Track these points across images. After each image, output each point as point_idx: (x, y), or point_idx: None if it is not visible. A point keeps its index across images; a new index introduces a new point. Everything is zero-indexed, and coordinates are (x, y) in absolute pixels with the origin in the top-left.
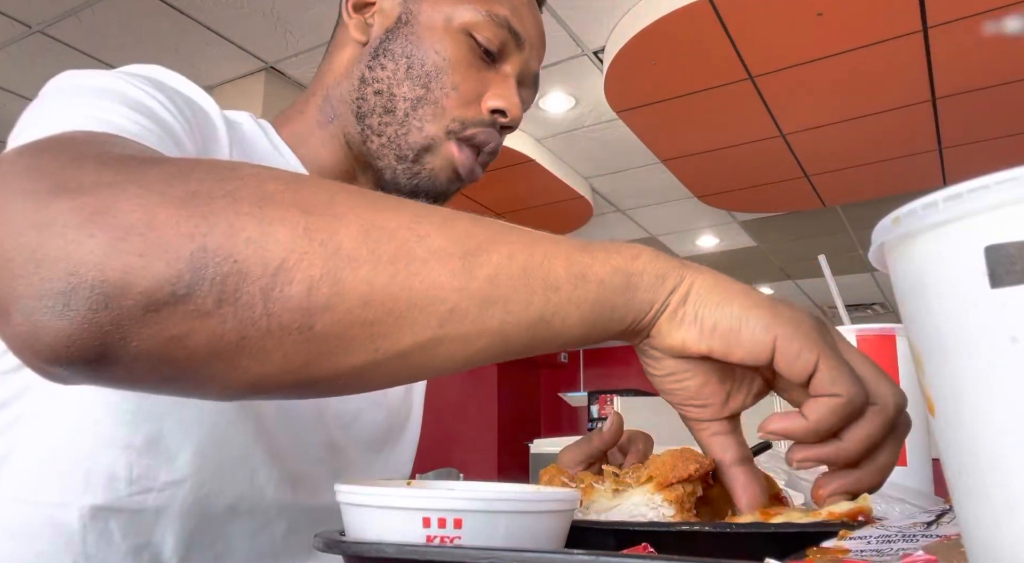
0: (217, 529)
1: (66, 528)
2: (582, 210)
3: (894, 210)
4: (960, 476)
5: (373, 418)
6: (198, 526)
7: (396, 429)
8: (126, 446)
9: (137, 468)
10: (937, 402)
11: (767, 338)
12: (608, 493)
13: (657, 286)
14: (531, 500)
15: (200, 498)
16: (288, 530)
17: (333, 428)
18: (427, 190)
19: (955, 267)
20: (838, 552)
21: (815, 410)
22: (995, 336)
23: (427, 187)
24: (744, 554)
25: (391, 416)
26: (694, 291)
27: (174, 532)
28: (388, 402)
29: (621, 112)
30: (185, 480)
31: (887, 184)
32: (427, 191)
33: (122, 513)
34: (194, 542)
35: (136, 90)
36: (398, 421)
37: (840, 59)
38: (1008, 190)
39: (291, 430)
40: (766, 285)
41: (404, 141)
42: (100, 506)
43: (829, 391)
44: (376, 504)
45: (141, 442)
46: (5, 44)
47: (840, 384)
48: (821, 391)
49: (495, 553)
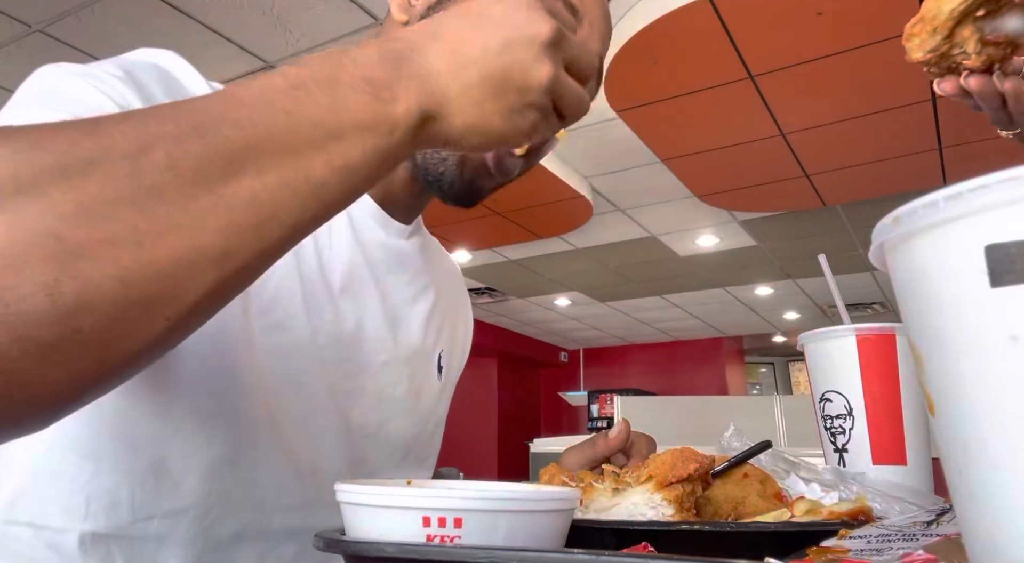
0: (222, 554)
1: (66, 553)
2: (582, 209)
3: (894, 210)
4: (960, 475)
5: (400, 426)
6: (203, 553)
7: (424, 436)
8: (129, 471)
9: (140, 494)
10: (937, 401)
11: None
12: (608, 492)
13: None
14: (531, 500)
15: (205, 527)
16: (297, 553)
17: (357, 438)
18: (451, 183)
19: (955, 266)
20: (838, 551)
21: None
22: (995, 335)
23: (452, 179)
24: (744, 553)
25: (420, 422)
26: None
27: (177, 558)
28: (420, 409)
29: (621, 111)
30: (189, 508)
31: (887, 184)
32: (451, 184)
33: (124, 540)
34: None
35: (82, 89)
36: (427, 427)
37: (840, 59)
38: (1008, 190)
39: (312, 448)
40: (766, 284)
41: (452, 174)
42: (101, 533)
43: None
44: (376, 504)
45: (144, 467)
46: (5, 44)
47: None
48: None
49: (495, 553)
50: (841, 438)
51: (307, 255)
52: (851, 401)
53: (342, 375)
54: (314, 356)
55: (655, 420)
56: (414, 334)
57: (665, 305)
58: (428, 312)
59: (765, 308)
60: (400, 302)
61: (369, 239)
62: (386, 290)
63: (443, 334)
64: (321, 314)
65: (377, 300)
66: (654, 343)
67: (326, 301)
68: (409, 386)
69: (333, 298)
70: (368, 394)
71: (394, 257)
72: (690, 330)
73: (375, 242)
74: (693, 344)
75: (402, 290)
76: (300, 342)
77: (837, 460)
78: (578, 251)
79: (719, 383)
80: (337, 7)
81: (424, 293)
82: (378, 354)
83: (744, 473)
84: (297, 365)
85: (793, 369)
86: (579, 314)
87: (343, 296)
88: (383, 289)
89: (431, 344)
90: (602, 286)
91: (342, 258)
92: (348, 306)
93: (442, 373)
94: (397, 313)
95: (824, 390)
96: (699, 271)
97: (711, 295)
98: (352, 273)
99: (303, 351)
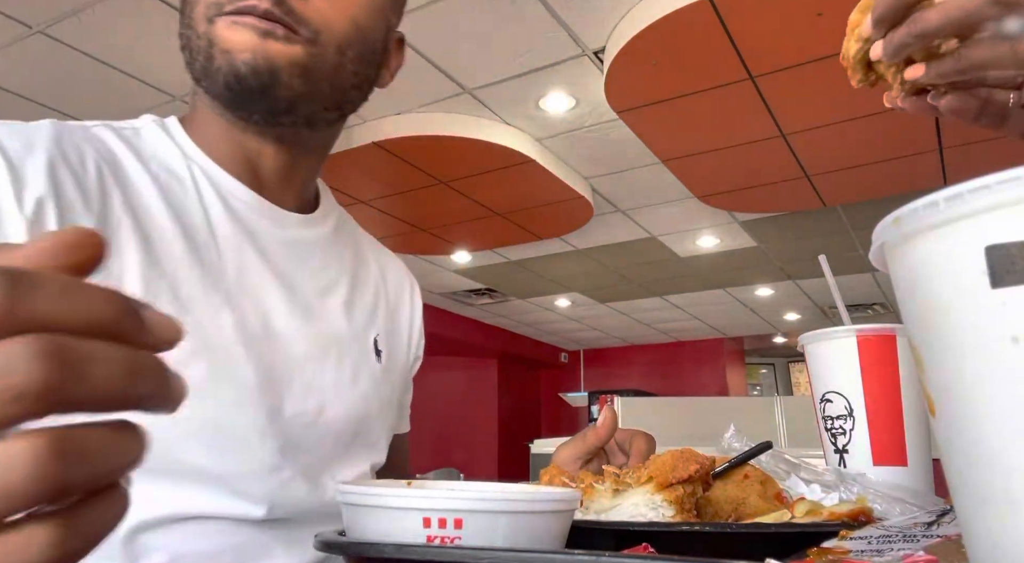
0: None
1: None
2: (582, 210)
3: (894, 210)
4: (961, 476)
5: (340, 411)
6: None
7: (369, 419)
8: None
9: None
10: (938, 402)
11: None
12: (608, 493)
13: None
14: (531, 500)
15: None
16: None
17: (297, 427)
18: (237, 89)
19: (956, 267)
20: (839, 552)
21: None
22: (996, 336)
23: (234, 85)
24: (744, 554)
25: (361, 406)
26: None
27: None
28: (359, 392)
29: (621, 112)
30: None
31: (887, 184)
32: (239, 90)
33: None
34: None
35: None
36: (371, 410)
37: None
38: (1008, 190)
39: (242, 437)
40: (766, 285)
41: (197, 62)
42: None
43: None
44: (376, 504)
45: None
46: (5, 44)
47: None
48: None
49: (495, 553)
50: (841, 439)
51: (196, 261)
52: (851, 402)
53: (264, 369)
54: (226, 354)
55: (655, 421)
56: (334, 322)
57: (665, 306)
58: (346, 298)
59: (765, 309)
60: (310, 293)
61: (262, 234)
62: (292, 284)
63: (376, 318)
64: (221, 314)
65: (282, 295)
66: (654, 344)
67: (222, 301)
68: (339, 372)
69: (232, 297)
70: (296, 385)
71: (293, 250)
72: (690, 331)
73: (269, 237)
74: (693, 345)
75: (308, 282)
76: (209, 343)
77: (837, 461)
78: (578, 252)
79: (719, 384)
80: None
81: (338, 281)
82: (295, 346)
83: (745, 474)
84: (210, 365)
85: (794, 370)
86: (579, 315)
87: (242, 295)
88: (288, 283)
89: (360, 329)
90: (602, 287)
91: (233, 259)
92: (249, 304)
93: (381, 356)
94: (308, 305)
95: (824, 391)
96: (699, 272)
97: (711, 296)
98: (245, 270)
99: (214, 351)
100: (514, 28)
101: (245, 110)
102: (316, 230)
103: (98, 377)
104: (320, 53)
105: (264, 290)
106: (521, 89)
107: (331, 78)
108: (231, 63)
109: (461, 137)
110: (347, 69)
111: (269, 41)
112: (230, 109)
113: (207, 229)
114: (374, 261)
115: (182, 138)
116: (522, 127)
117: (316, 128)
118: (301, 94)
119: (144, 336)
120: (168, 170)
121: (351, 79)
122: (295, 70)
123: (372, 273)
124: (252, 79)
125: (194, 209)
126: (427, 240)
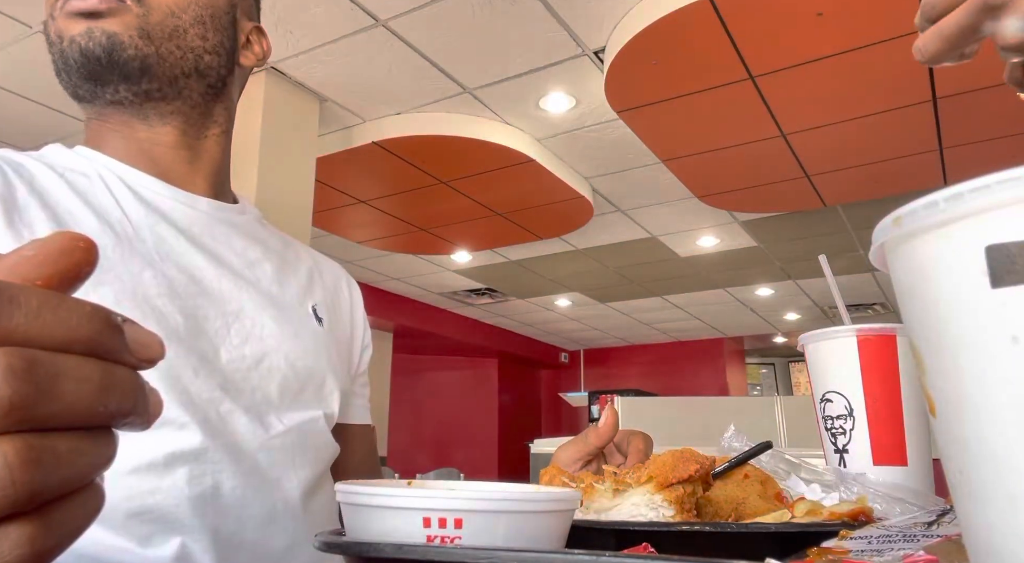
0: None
1: None
2: (582, 210)
3: (894, 210)
4: (961, 476)
5: (281, 360)
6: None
7: (318, 372)
8: None
9: None
10: (938, 402)
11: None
12: (608, 493)
13: None
14: (531, 500)
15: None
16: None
17: (236, 370)
18: (84, 62)
19: (956, 267)
20: (839, 552)
21: None
22: (996, 336)
23: (80, 58)
24: (744, 554)
25: (305, 357)
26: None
27: None
28: (302, 346)
29: (621, 112)
30: None
31: (887, 184)
32: (86, 62)
33: None
34: None
35: None
36: (318, 364)
37: (840, 59)
38: (1008, 190)
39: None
40: (767, 285)
41: (56, 59)
42: None
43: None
44: (376, 504)
45: None
46: (6, 44)
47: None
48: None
49: (495, 553)
50: (842, 439)
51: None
52: (852, 402)
53: (194, 319)
54: (151, 304)
55: (656, 421)
56: (267, 288)
57: (666, 306)
58: (276, 274)
59: (766, 309)
60: (238, 265)
61: (178, 215)
62: (216, 254)
63: (313, 291)
64: (143, 273)
65: (207, 261)
66: (655, 344)
67: (142, 263)
68: (279, 327)
69: (153, 262)
70: (233, 335)
71: (212, 229)
72: (691, 331)
73: (185, 217)
74: (694, 345)
75: (234, 257)
76: (134, 294)
77: (838, 461)
78: (578, 252)
79: (720, 384)
80: (337, 8)
81: (265, 259)
82: (229, 304)
83: (745, 474)
84: (137, 312)
85: (794, 370)
86: (579, 315)
87: (163, 261)
88: (211, 252)
89: (295, 296)
90: (602, 287)
91: (150, 235)
92: (172, 267)
93: (323, 323)
94: (238, 271)
95: (824, 391)
96: (700, 272)
97: (712, 296)
98: (164, 241)
99: (139, 301)
100: (514, 28)
101: (107, 85)
102: (234, 217)
103: (69, 394)
104: (150, 13)
105: (187, 257)
106: (521, 89)
107: (174, 39)
108: (72, 40)
109: (461, 137)
110: (188, 32)
111: (100, 19)
112: (97, 92)
113: (119, 212)
114: (306, 254)
115: (85, 151)
116: (522, 127)
117: (189, 99)
118: (148, 55)
119: (124, 353)
120: (74, 171)
121: (198, 42)
122: (131, 31)
123: (304, 260)
124: (95, 47)
125: (104, 197)
126: (427, 240)
